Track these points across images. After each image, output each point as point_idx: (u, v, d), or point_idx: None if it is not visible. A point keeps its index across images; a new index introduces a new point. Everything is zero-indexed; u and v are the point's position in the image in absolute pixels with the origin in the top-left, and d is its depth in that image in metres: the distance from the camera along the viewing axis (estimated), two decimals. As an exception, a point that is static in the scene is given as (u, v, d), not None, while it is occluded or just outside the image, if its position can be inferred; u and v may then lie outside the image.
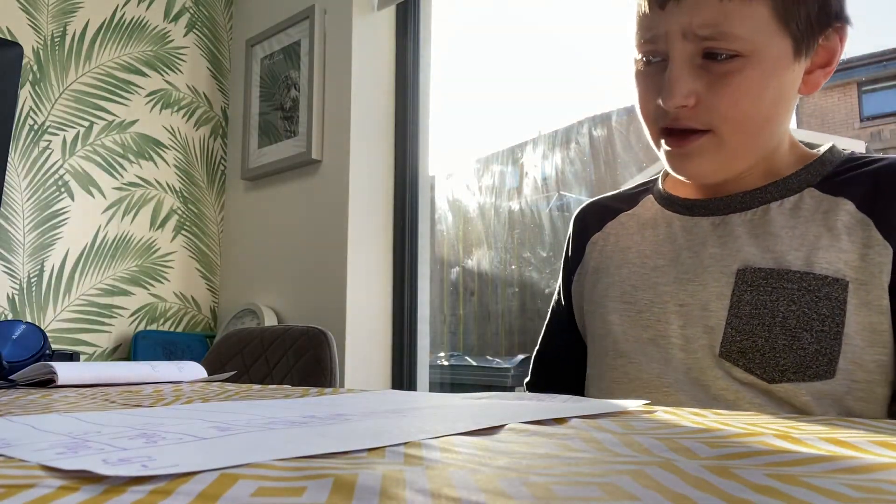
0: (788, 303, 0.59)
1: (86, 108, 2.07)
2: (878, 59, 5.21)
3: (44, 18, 2.00)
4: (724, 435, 0.31)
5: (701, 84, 0.61)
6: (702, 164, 0.65)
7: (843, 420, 0.36)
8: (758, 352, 0.59)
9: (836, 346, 0.57)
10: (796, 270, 0.60)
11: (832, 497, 0.19)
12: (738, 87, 0.60)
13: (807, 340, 0.57)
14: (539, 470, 0.23)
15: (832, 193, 0.63)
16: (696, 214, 0.70)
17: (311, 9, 2.04)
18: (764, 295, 0.60)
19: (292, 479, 0.22)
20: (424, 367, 1.97)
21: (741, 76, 0.60)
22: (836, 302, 0.58)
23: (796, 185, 0.65)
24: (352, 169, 1.92)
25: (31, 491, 0.20)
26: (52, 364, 0.80)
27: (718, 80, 0.61)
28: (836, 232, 0.60)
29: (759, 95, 0.61)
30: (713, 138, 0.63)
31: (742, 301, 0.61)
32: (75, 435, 0.31)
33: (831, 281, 0.58)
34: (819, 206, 0.63)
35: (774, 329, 0.59)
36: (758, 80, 0.60)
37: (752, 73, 0.60)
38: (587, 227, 0.81)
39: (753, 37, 0.59)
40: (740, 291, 0.62)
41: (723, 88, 0.60)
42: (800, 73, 0.63)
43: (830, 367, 0.57)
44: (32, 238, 1.93)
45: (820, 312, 0.58)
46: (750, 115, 0.62)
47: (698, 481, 0.21)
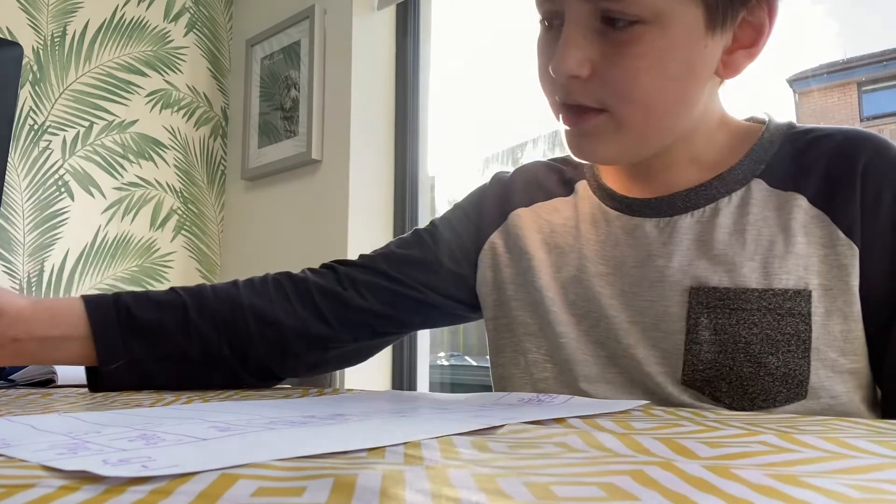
0: (749, 325, 0.54)
1: (86, 108, 2.07)
2: (878, 59, 5.22)
3: (44, 18, 2.00)
4: (724, 435, 0.31)
5: (596, 52, 0.53)
6: (599, 148, 0.58)
7: (843, 420, 0.36)
8: (723, 380, 0.54)
9: (805, 364, 0.53)
10: (754, 288, 0.54)
11: (832, 497, 0.19)
12: (636, 57, 0.53)
13: (773, 365, 0.53)
14: (539, 470, 0.23)
15: (781, 187, 0.57)
16: (637, 215, 0.62)
17: (311, 9, 2.04)
18: (722, 318, 0.55)
19: (292, 479, 0.22)
20: (424, 367, 1.97)
21: (641, 46, 0.52)
22: (801, 316, 0.53)
23: (741, 177, 0.59)
24: (352, 169, 1.92)
25: (31, 491, 0.20)
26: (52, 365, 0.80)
27: (615, 49, 0.53)
28: (790, 233, 0.55)
29: (662, 70, 0.53)
30: (610, 119, 0.55)
31: (699, 325, 0.56)
32: (75, 435, 0.31)
33: (793, 294, 0.54)
34: (768, 202, 0.57)
35: (738, 356, 0.54)
36: (660, 52, 0.53)
37: (653, 44, 0.52)
38: (512, 193, 0.71)
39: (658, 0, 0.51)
40: (696, 314, 0.56)
41: (620, 59, 0.53)
42: (715, 51, 0.55)
43: (801, 388, 0.53)
44: (32, 238, 1.94)
45: (784, 332, 0.53)
46: (650, 93, 0.54)
47: (698, 481, 0.21)
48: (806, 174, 0.57)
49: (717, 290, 0.56)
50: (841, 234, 0.54)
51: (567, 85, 0.56)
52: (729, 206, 0.58)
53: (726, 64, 0.57)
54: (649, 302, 0.59)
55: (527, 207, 0.69)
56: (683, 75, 0.55)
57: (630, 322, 0.59)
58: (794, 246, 0.55)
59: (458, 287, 0.72)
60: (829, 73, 5.60)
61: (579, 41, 0.54)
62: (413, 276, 0.70)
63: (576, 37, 0.54)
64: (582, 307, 0.62)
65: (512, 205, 0.70)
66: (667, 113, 0.56)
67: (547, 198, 0.69)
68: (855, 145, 0.56)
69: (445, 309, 0.73)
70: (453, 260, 0.72)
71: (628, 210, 0.63)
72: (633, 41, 0.52)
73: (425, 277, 0.71)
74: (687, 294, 0.57)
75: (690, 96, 0.56)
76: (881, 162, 0.55)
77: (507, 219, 0.70)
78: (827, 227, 0.55)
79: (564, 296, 0.64)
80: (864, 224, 0.54)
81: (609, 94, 0.55)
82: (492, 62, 2.53)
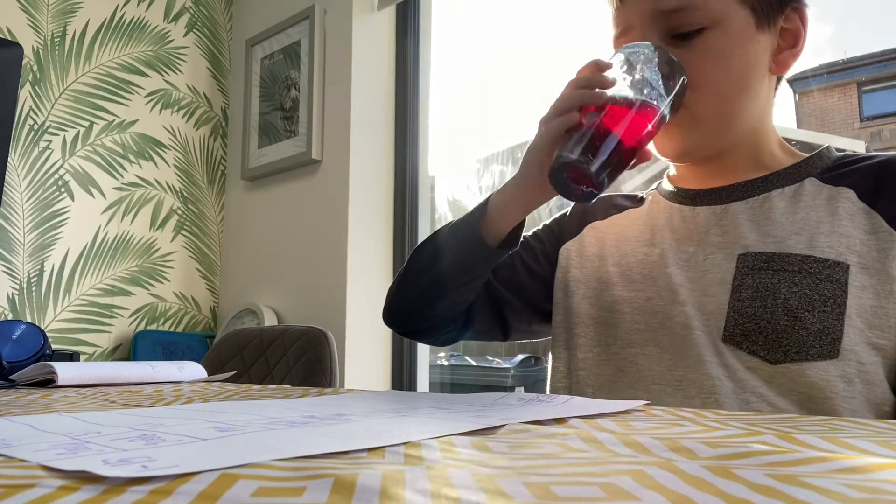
0: (790, 285, 0.59)
1: (86, 108, 2.07)
2: (878, 59, 5.22)
3: (44, 18, 2.00)
4: (724, 435, 0.31)
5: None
6: (680, 139, 0.67)
7: (843, 420, 0.36)
8: (760, 333, 0.59)
9: (839, 326, 0.57)
10: (797, 254, 0.60)
11: (832, 497, 0.19)
12: (705, 56, 0.63)
13: (809, 321, 0.57)
14: (539, 470, 0.23)
15: (833, 183, 0.64)
16: (698, 204, 0.70)
17: (311, 9, 2.04)
18: (765, 278, 0.60)
19: (292, 479, 0.22)
20: (424, 367, 1.97)
21: (708, 45, 0.63)
22: (838, 283, 0.58)
23: (796, 175, 0.66)
24: (352, 169, 1.92)
25: (31, 491, 0.20)
26: (52, 364, 0.80)
27: (684, 52, 0.63)
28: (837, 217, 0.61)
29: (727, 64, 0.63)
30: (686, 113, 0.64)
31: (744, 285, 0.61)
32: (75, 435, 0.31)
33: (832, 264, 0.59)
34: (820, 194, 0.64)
35: (776, 311, 0.59)
36: (724, 48, 0.63)
37: (717, 42, 0.63)
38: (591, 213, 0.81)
39: (714, 6, 0.62)
40: (742, 276, 0.62)
41: (692, 59, 0.62)
42: (767, 48, 0.65)
43: (834, 346, 0.57)
44: (32, 238, 1.94)
45: (821, 293, 0.58)
46: (719, 84, 0.64)
47: (698, 481, 0.21)
48: (857, 175, 0.64)
49: (763, 255, 0.62)
50: (884, 223, 0.60)
51: None
52: (782, 196, 0.65)
53: (777, 62, 0.66)
54: (702, 272, 0.65)
55: (602, 220, 0.79)
56: (744, 67, 0.64)
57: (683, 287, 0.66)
58: (839, 227, 0.61)
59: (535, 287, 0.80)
60: (829, 73, 5.60)
61: None
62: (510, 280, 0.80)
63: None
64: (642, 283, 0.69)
65: (589, 219, 0.80)
66: (734, 100, 0.65)
67: (620, 211, 0.79)
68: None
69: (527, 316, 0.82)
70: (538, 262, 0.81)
71: (689, 201, 0.71)
72: (699, 44, 0.63)
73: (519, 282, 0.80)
74: (735, 260, 0.63)
75: (752, 87, 0.65)
76: None
77: (583, 230, 0.79)
78: (872, 218, 0.61)
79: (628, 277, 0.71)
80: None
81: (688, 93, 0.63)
82: (492, 62, 2.53)
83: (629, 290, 0.70)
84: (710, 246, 0.66)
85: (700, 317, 0.63)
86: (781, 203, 0.65)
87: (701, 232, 0.68)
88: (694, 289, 0.65)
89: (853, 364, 0.56)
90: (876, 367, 0.57)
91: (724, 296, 0.62)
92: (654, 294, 0.68)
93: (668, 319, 0.65)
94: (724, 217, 0.67)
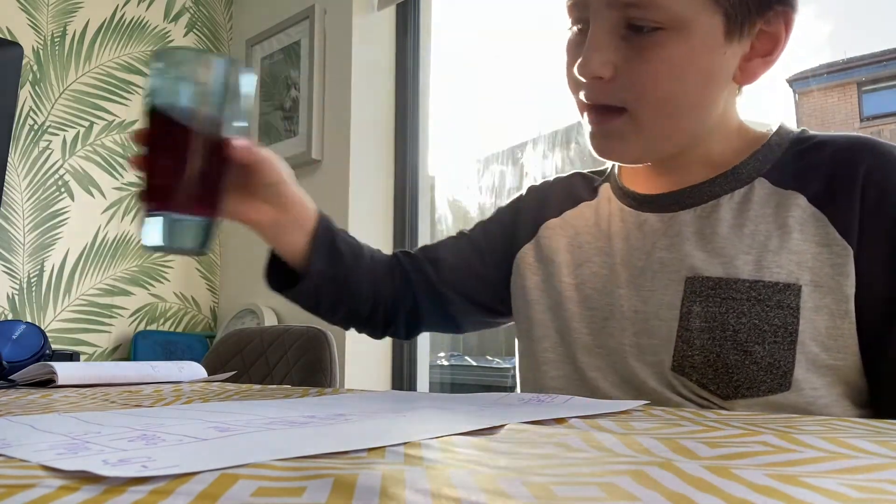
0: (738, 315, 0.55)
1: (86, 108, 2.07)
2: (878, 59, 5.22)
3: (44, 18, 2.00)
4: (724, 435, 0.31)
5: (620, 56, 0.56)
6: (620, 147, 0.61)
7: (843, 420, 0.36)
8: (710, 367, 0.55)
9: (790, 357, 0.53)
10: (745, 279, 0.56)
11: (832, 497, 0.19)
12: (659, 62, 0.55)
13: (759, 354, 0.54)
14: (539, 470, 0.23)
15: (783, 186, 0.59)
16: (646, 210, 0.65)
17: (311, 9, 2.04)
18: (713, 307, 0.56)
19: (292, 479, 0.22)
20: (424, 367, 1.97)
21: (663, 51, 0.55)
22: (789, 309, 0.54)
23: (745, 176, 0.61)
24: (352, 169, 1.92)
25: (31, 491, 0.20)
26: (52, 364, 0.80)
27: (639, 53, 0.56)
28: (786, 229, 0.56)
29: (682, 75, 0.56)
30: (630, 120, 0.58)
31: (691, 313, 0.57)
32: (75, 435, 0.31)
33: (783, 287, 0.55)
34: (769, 200, 0.59)
35: (725, 344, 0.55)
36: (681, 58, 0.55)
37: (675, 49, 0.55)
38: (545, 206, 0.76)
39: (680, 8, 0.54)
40: (689, 302, 0.58)
41: (642, 63, 0.56)
42: (733, 58, 0.58)
43: (785, 379, 0.53)
44: (32, 238, 1.93)
45: (772, 323, 0.54)
46: (670, 96, 0.57)
47: (698, 481, 0.21)
48: (808, 175, 0.59)
49: (710, 280, 0.58)
50: (837, 235, 0.55)
51: (591, 85, 0.59)
52: (731, 202, 0.61)
53: (744, 71, 0.59)
54: (650, 291, 0.62)
55: (557, 218, 0.74)
56: (702, 80, 0.57)
57: (634, 311, 0.62)
58: (788, 242, 0.56)
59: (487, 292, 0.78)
60: (829, 73, 5.60)
61: (604, 44, 0.57)
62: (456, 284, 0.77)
63: (600, 40, 0.57)
64: (597, 300, 0.66)
65: (544, 217, 0.75)
66: (685, 116, 0.59)
67: (574, 204, 0.73)
68: (858, 150, 0.58)
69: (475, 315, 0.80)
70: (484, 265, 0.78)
71: (638, 206, 0.66)
72: (656, 46, 0.55)
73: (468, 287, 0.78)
74: (683, 283, 0.59)
75: (708, 101, 0.59)
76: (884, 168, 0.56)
77: (539, 231, 0.74)
78: (824, 227, 0.56)
79: (582, 292, 0.67)
80: (863, 227, 0.55)
81: (630, 95, 0.57)
82: (492, 62, 2.53)
83: (585, 308, 0.66)
84: (657, 263, 0.62)
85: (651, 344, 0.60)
86: (729, 214, 0.60)
87: (648, 245, 0.63)
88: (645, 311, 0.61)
89: (806, 393, 0.54)
90: (828, 389, 0.54)
91: (672, 322, 0.59)
92: (608, 314, 0.64)
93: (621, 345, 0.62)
94: (671, 227, 0.63)
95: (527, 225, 0.76)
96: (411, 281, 0.78)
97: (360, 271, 0.74)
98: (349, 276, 0.73)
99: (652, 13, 0.54)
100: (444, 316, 0.79)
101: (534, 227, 0.75)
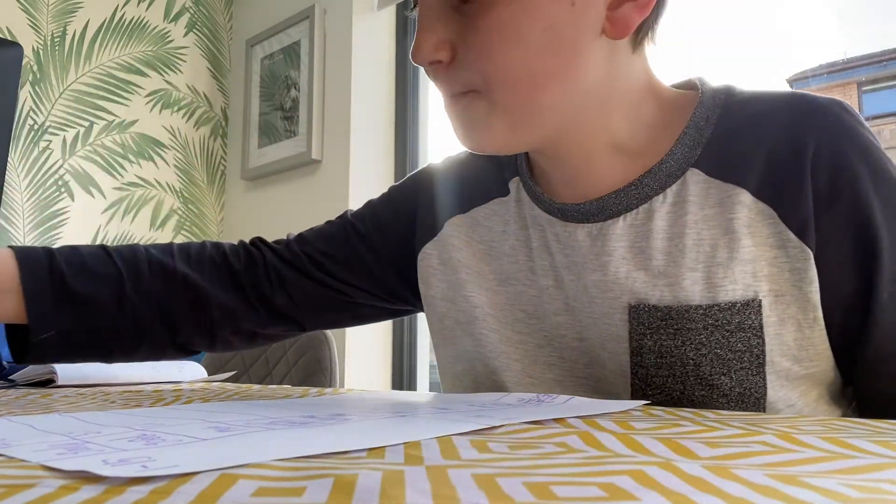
0: (696, 346, 0.49)
1: (86, 108, 2.07)
2: (878, 59, 5.22)
3: (44, 18, 2.01)
4: (724, 435, 0.31)
5: (451, 31, 0.48)
6: (480, 134, 0.51)
7: (843, 420, 0.36)
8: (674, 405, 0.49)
9: (761, 380, 0.48)
10: (697, 305, 0.49)
11: (832, 497, 0.19)
12: (490, 31, 0.46)
13: (727, 386, 0.48)
14: (539, 470, 0.23)
15: (719, 176, 0.50)
16: (569, 220, 0.55)
17: (311, 9, 2.04)
18: (667, 339, 0.49)
19: (292, 479, 0.22)
20: (424, 367, 1.97)
21: (493, 16, 0.46)
22: (752, 330, 0.48)
23: (676, 168, 0.51)
24: (352, 169, 1.92)
25: (31, 491, 0.20)
26: (52, 364, 0.80)
27: (469, 24, 0.47)
28: (734, 235, 0.48)
29: (520, 41, 0.46)
30: (480, 100, 0.49)
31: (643, 347, 0.50)
32: (75, 435, 0.31)
33: (741, 307, 0.48)
34: (707, 197, 0.50)
35: (688, 380, 0.49)
36: (514, 21, 0.46)
37: (505, 12, 0.46)
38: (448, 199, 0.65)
39: None
40: (639, 335, 0.51)
41: (474, 35, 0.47)
42: (588, 9, 0.46)
43: (759, 405, 0.48)
44: (32, 238, 1.93)
45: (735, 349, 0.48)
46: (512, 68, 0.47)
47: (698, 481, 0.21)
48: (747, 161, 0.49)
49: (658, 309, 0.50)
50: (791, 236, 0.47)
51: (434, 73, 0.51)
52: (664, 204, 0.51)
53: (613, 21, 0.47)
54: (592, 319, 0.53)
55: (464, 214, 0.63)
56: (550, 42, 0.46)
57: (578, 339, 0.55)
58: (738, 251, 0.48)
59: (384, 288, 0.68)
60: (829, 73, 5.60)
61: (433, 24, 0.48)
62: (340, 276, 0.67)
63: (429, 19, 0.48)
64: (528, 326, 0.57)
65: (448, 211, 0.64)
66: (545, 89, 0.48)
67: (485, 199, 0.62)
68: (804, 121, 0.49)
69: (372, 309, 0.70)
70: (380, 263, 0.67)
71: (560, 214, 0.56)
72: (485, 13, 0.46)
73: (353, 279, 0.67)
74: (627, 312, 0.51)
75: (570, 66, 0.48)
76: (836, 142, 0.47)
77: (444, 228, 0.64)
78: (775, 226, 0.48)
79: (508, 313, 0.58)
80: (819, 221, 0.47)
81: (472, 75, 0.48)
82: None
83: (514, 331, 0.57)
84: (592, 287, 0.53)
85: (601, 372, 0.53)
86: (664, 220, 0.51)
87: (579, 262, 0.54)
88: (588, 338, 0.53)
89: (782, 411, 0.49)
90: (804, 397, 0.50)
91: (623, 356, 0.51)
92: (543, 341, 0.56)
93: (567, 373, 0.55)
94: (600, 242, 0.53)
95: (427, 218, 0.65)
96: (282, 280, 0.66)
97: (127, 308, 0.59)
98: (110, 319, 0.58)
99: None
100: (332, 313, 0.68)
101: (436, 223, 0.64)
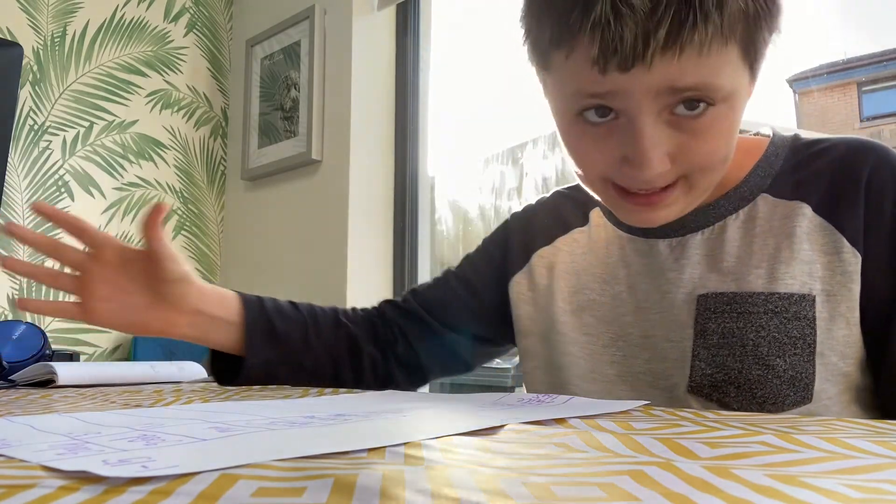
0: (757, 328, 0.55)
1: (86, 108, 2.07)
2: (878, 59, 5.21)
3: (44, 18, 2.00)
4: (724, 435, 0.31)
5: (673, 143, 0.52)
6: (665, 214, 0.56)
7: (843, 420, 0.36)
8: (731, 384, 0.55)
9: (811, 368, 0.54)
10: (760, 292, 0.56)
11: (832, 497, 0.19)
12: (715, 137, 0.52)
13: (781, 367, 0.54)
14: (539, 470, 0.23)
15: (786, 197, 0.59)
16: (650, 236, 0.63)
17: (311, 9, 2.04)
18: (730, 322, 0.56)
19: (292, 479, 0.22)
20: (424, 367, 1.97)
21: (716, 126, 0.52)
22: (806, 320, 0.54)
23: (748, 193, 0.60)
24: (352, 169, 1.92)
25: (31, 491, 0.20)
26: (52, 364, 0.80)
27: (693, 136, 0.52)
28: (795, 239, 0.56)
29: (732, 135, 0.54)
30: (683, 184, 0.55)
31: (707, 330, 0.57)
32: (75, 435, 0.31)
33: (798, 298, 0.55)
34: (774, 213, 0.59)
35: (746, 359, 0.55)
36: (732, 125, 0.54)
37: (726, 120, 0.53)
38: (534, 236, 0.74)
39: (728, 83, 0.51)
40: (704, 319, 0.57)
41: (699, 143, 0.52)
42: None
43: (807, 392, 0.54)
44: (32, 238, 1.93)
45: (790, 335, 0.54)
46: (723, 156, 0.55)
47: (698, 481, 0.21)
48: (810, 184, 0.58)
49: (724, 295, 0.57)
50: (845, 243, 0.55)
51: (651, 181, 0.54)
52: (736, 221, 0.60)
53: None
54: (660, 314, 0.61)
55: (549, 246, 0.73)
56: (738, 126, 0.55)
57: (643, 336, 0.62)
58: (798, 252, 0.56)
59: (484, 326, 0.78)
60: (829, 73, 5.60)
61: (659, 139, 0.51)
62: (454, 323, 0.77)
63: (655, 138, 0.51)
64: (596, 329, 0.65)
65: (535, 245, 0.74)
66: (727, 165, 0.56)
67: (566, 230, 0.72)
68: (859, 155, 0.58)
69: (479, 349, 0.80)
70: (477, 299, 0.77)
71: (641, 233, 0.64)
72: (712, 124, 0.52)
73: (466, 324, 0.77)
74: (695, 302, 0.59)
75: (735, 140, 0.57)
76: (885, 172, 0.57)
77: (531, 259, 0.74)
78: (831, 235, 0.56)
79: (579, 318, 0.66)
80: (868, 233, 0.55)
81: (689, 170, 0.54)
82: (492, 62, 2.53)
83: (582, 334, 0.65)
84: (665, 284, 0.61)
85: (661, 366, 0.59)
86: (736, 233, 0.59)
87: (657, 270, 0.62)
88: (654, 334, 0.61)
89: (823, 402, 0.54)
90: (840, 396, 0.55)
91: (685, 343, 0.58)
92: (609, 341, 0.64)
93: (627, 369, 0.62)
94: (679, 251, 0.61)
95: (517, 253, 0.75)
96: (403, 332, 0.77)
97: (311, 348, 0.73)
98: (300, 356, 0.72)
99: (710, 94, 0.50)
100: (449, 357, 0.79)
101: (525, 256, 0.74)
